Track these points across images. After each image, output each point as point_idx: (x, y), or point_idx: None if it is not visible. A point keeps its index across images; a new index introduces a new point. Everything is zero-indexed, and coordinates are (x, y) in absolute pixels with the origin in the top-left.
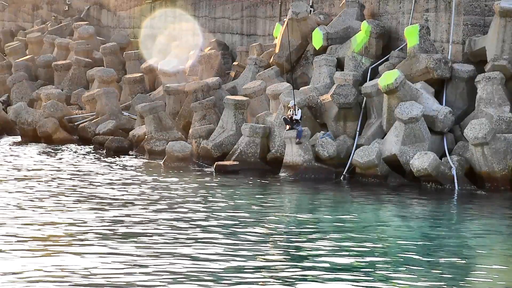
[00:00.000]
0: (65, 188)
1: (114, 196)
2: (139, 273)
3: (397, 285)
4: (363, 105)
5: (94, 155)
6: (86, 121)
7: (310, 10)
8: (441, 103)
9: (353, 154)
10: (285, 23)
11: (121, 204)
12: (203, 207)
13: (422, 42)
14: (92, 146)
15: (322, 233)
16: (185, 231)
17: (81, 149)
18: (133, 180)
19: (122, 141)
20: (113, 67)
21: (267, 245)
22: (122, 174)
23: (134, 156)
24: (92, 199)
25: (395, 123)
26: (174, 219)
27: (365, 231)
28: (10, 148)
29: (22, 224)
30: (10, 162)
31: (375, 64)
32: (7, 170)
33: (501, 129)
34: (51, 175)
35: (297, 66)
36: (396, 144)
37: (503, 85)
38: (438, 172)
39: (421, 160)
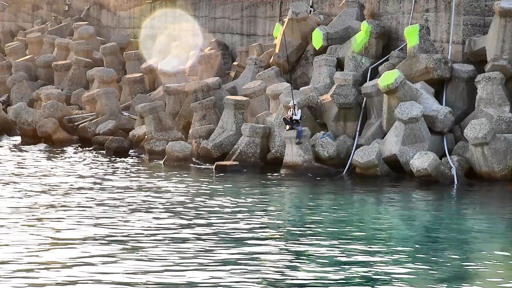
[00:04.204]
0: (65, 188)
1: (113, 196)
2: (140, 272)
3: (397, 281)
4: (363, 105)
5: (94, 155)
6: (86, 121)
7: (310, 10)
8: (441, 103)
9: (353, 154)
10: (285, 23)
11: (121, 204)
12: (202, 207)
13: (422, 42)
14: (92, 146)
15: (322, 231)
16: (184, 229)
17: (81, 149)
18: (133, 180)
19: (122, 141)
20: (113, 67)
21: (267, 243)
22: (122, 174)
23: (134, 156)
24: (91, 199)
25: (395, 123)
26: (173, 218)
27: (365, 228)
28: (10, 149)
29: (23, 225)
30: (10, 163)
31: (375, 64)
32: (7, 171)
33: (501, 129)
34: (51, 175)
35: (297, 66)
36: (396, 144)
37: (503, 85)
38: (438, 172)
39: (421, 160)
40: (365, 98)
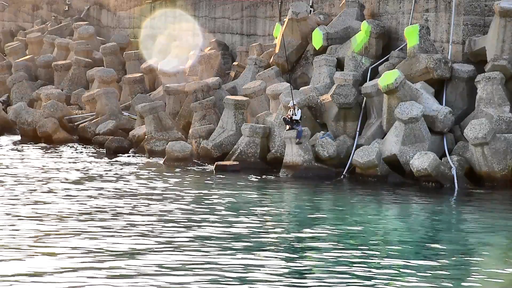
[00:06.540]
0: (64, 188)
1: (113, 196)
2: (139, 272)
3: (398, 284)
4: (363, 105)
5: (94, 155)
6: (86, 121)
7: (310, 10)
8: (441, 103)
9: (353, 154)
10: (285, 23)
11: (121, 204)
12: (202, 207)
13: (422, 42)
14: (92, 146)
15: (322, 232)
16: (184, 229)
17: (81, 149)
18: (132, 180)
19: (122, 141)
20: (113, 67)
21: (267, 243)
22: (122, 174)
23: (134, 156)
24: (91, 199)
25: (395, 123)
26: (173, 218)
27: (365, 230)
28: (10, 149)
29: (23, 224)
30: (10, 163)
31: (375, 64)
32: (7, 171)
33: (501, 129)
34: (51, 176)
35: (297, 66)
36: (396, 144)
37: (503, 85)
38: (438, 172)
39: (421, 160)
40: (365, 98)
